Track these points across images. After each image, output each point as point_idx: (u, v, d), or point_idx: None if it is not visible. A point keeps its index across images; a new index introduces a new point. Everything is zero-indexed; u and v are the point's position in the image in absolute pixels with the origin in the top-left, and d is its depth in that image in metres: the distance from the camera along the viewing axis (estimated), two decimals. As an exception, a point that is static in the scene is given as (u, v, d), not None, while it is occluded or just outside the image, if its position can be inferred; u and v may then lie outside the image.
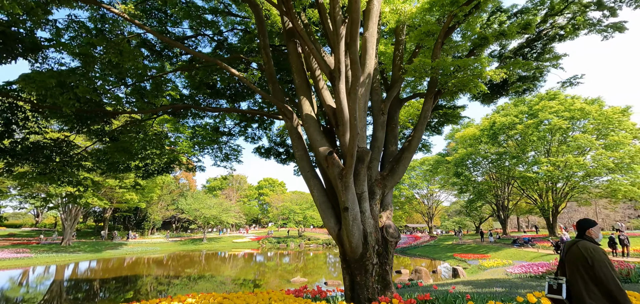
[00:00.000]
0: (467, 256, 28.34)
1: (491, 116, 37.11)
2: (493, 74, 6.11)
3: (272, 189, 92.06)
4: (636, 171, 26.39)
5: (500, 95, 13.02)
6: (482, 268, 21.20)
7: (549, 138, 31.43)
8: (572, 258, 3.18)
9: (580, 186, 30.52)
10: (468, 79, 6.75)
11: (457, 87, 6.84)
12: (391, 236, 6.57)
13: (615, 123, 27.46)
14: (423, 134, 7.24)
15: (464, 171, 41.08)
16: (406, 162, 7.19)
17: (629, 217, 56.99)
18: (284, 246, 54.28)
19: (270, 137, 15.36)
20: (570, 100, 30.14)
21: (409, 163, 7.30)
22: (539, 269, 13.21)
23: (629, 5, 9.09)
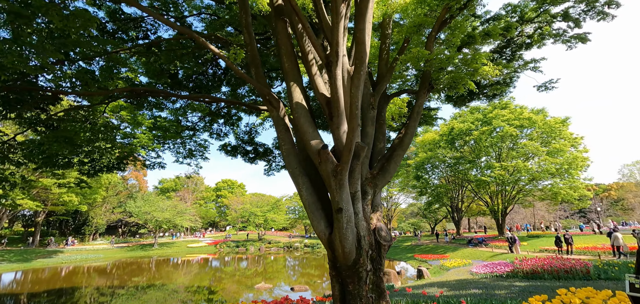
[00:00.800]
0: (427, 257, 29.27)
1: (450, 122, 39.05)
2: (490, 70, 5.91)
3: (231, 191, 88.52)
4: (573, 176, 29.31)
5: (472, 99, 13.35)
6: (444, 268, 21.87)
7: (500, 144, 33.81)
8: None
9: (526, 189, 33.23)
10: (461, 76, 6.53)
11: (450, 83, 6.57)
12: (384, 240, 6.08)
13: (556, 132, 30.32)
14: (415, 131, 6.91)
15: (424, 175, 42.77)
16: (398, 160, 6.77)
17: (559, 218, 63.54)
18: (243, 250, 52.13)
19: (237, 134, 14.32)
20: (520, 109, 32.74)
21: (400, 161, 6.90)
22: (503, 268, 13.74)
23: (592, 18, 9.66)
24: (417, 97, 6.98)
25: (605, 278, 9.99)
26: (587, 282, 9.71)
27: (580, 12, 9.77)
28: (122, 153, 9.84)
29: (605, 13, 9.30)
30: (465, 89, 7.31)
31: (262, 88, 5.80)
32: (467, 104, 13.27)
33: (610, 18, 9.22)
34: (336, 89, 5.20)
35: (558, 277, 10.70)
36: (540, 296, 5.13)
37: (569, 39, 10.31)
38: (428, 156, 40.63)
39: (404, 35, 7.37)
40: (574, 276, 10.47)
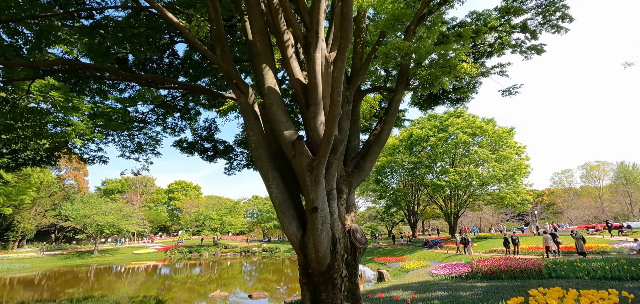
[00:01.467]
0: (385, 259, 29.75)
1: (409, 128, 40.48)
2: (468, 68, 5.79)
3: (185, 193, 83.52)
4: (517, 182, 31.82)
5: (438, 102, 13.61)
6: (403, 270, 22.26)
7: (454, 151, 35.74)
8: None
9: (476, 193, 35.45)
10: (438, 73, 6.36)
11: (427, 79, 6.37)
12: (360, 242, 5.65)
13: (504, 141, 32.76)
14: (392, 127, 6.61)
15: (383, 179, 43.79)
16: (374, 157, 6.41)
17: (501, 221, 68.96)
18: (196, 256, 49.14)
19: (195, 130, 13.19)
20: (472, 118, 34.90)
21: (376, 158, 6.54)
22: (461, 269, 14.14)
23: (547, 31, 10.26)
24: (394, 92, 6.70)
25: (555, 276, 10.61)
26: (541, 280, 10.22)
27: (537, 25, 10.31)
28: (52, 144, 8.32)
29: (559, 26, 9.90)
30: (439, 88, 7.21)
31: (228, 69, 5.07)
32: (432, 107, 13.53)
33: (564, 31, 9.84)
34: (315, 73, 4.66)
35: (514, 277, 11.18)
36: (517, 298, 5.02)
37: (526, 50, 10.85)
38: (388, 161, 41.68)
39: (381, 29, 7.07)
40: (529, 275, 11.01)
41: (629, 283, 8.58)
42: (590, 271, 10.43)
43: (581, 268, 10.91)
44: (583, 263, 11.64)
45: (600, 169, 59.82)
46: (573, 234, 16.33)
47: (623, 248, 17.68)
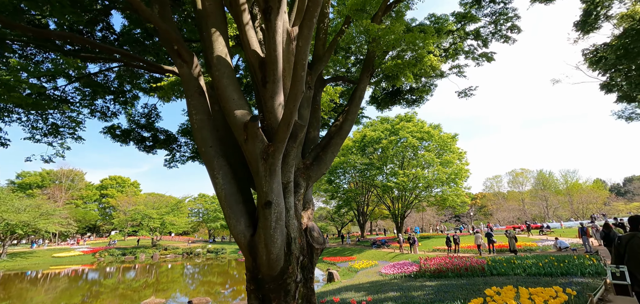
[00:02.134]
0: (335, 259, 29.78)
1: (362, 130, 41.28)
2: (435, 61, 5.57)
3: (121, 189, 75.74)
4: (458, 185, 34.18)
5: (395, 102, 13.66)
6: (352, 269, 22.32)
7: (404, 154, 37.27)
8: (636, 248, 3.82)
9: (422, 195, 37.37)
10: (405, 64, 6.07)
11: (393, 70, 6.04)
12: (317, 242, 5.07)
13: (448, 146, 34.97)
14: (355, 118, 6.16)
15: (336, 179, 44.11)
16: (335, 149, 5.89)
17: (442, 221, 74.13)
18: (131, 259, 44.66)
19: (131, 116, 11.60)
20: (421, 123, 36.70)
21: (338, 151, 6.03)
22: (410, 268, 14.41)
23: (497, 40, 10.80)
24: (359, 81, 6.27)
25: (497, 273, 11.21)
26: (485, 278, 10.70)
27: (488, 33, 10.77)
28: None
29: (508, 36, 10.46)
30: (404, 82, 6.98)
31: (168, 31, 4.12)
32: (389, 107, 13.57)
33: (512, 41, 10.42)
34: (275, 45, 3.97)
35: (460, 275, 11.59)
36: (476, 299, 4.86)
37: (477, 57, 11.30)
38: (341, 161, 42.05)
39: (346, 14, 6.59)
40: (473, 273, 11.49)
41: (560, 279, 9.26)
42: (525, 268, 11.17)
43: (518, 265, 11.66)
44: (518, 261, 12.51)
45: (523, 175, 67.44)
46: (507, 233, 17.71)
47: (546, 246, 19.71)
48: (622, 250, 4.02)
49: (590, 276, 9.41)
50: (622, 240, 4.09)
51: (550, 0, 10.41)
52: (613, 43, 9.63)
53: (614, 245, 4.26)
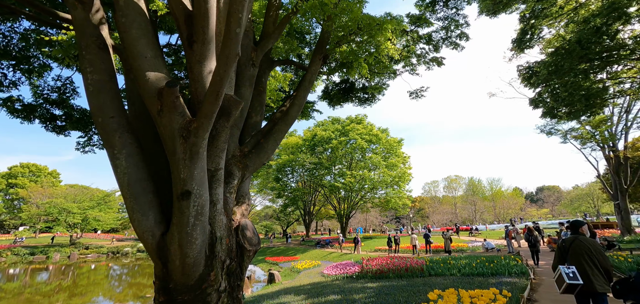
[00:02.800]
0: (278, 259, 28.96)
1: (313, 129, 41.03)
2: (392, 49, 5.18)
3: (35, 179, 65.41)
4: (401, 188, 35.71)
5: (347, 99, 13.34)
6: (295, 270, 21.72)
7: (352, 155, 37.88)
8: (578, 250, 4.16)
9: (367, 196, 38.35)
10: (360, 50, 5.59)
11: (348, 56, 5.52)
12: (250, 243, 4.29)
13: (394, 150, 36.35)
14: (303, 104, 5.48)
15: (284, 177, 43.21)
16: (279, 136, 5.16)
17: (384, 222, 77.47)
18: (42, 259, 38.61)
19: (39, 89, 9.65)
20: (371, 126, 37.63)
21: (281, 140, 5.31)
22: (352, 269, 14.24)
23: (447, 46, 11.07)
24: (310, 63, 5.62)
25: (434, 274, 11.49)
26: (424, 278, 10.86)
27: (439, 39, 10.99)
28: None
29: (457, 43, 10.76)
30: (357, 78, 6.55)
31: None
32: (342, 104, 13.23)
33: (460, 49, 10.74)
34: (204, -9, 3.11)
35: (401, 275, 11.66)
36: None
37: (428, 61, 11.49)
38: (290, 159, 41.30)
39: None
40: (413, 274, 11.64)
41: (491, 279, 9.69)
42: (460, 268, 11.61)
43: (453, 265, 12.11)
44: (453, 261, 13.05)
45: (457, 181, 73.61)
46: (443, 234, 18.65)
47: (475, 247, 21.29)
48: (565, 252, 4.39)
49: (516, 276, 10.01)
50: (565, 242, 4.45)
51: (495, 14, 10.95)
52: (547, 60, 10.44)
53: (557, 246, 4.59)
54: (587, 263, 4.10)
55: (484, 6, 10.60)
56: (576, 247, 4.24)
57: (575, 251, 4.21)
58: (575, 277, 3.98)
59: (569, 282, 3.95)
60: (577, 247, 4.24)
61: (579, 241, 4.27)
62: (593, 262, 4.07)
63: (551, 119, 15.62)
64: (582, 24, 10.00)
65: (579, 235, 4.39)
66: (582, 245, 4.22)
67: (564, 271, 4.03)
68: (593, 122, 18.59)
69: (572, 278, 3.97)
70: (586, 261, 4.11)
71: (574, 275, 3.99)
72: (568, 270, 4.03)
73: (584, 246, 4.20)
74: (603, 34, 8.90)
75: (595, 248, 4.16)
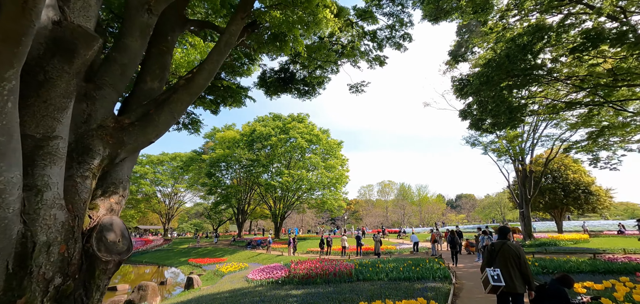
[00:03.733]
0: (203, 261, 26.60)
1: (253, 124, 39.08)
2: (331, 20, 4.35)
3: None
4: (338, 189, 35.92)
5: (285, 89, 12.33)
6: (219, 273, 19.91)
7: (292, 154, 36.96)
8: (506, 254, 4.50)
9: (304, 197, 37.77)
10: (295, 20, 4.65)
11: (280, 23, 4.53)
12: (110, 251, 2.99)
13: (333, 151, 36.40)
14: (215, 71, 4.29)
15: (217, 173, 40.31)
16: (177, 108, 3.93)
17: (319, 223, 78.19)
18: None
19: None
20: (312, 125, 37.16)
21: (182, 112, 4.07)
22: (279, 273, 13.25)
23: (391, 46, 10.83)
24: (230, 22, 4.48)
25: (363, 278, 11.13)
26: (352, 284, 10.38)
27: (384, 37, 10.71)
28: None
29: (400, 44, 10.54)
30: (292, 48, 5.57)
31: None
32: (279, 94, 12.18)
33: (403, 49, 10.56)
34: None
35: (329, 281, 11.05)
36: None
37: (372, 59, 11.14)
38: (226, 154, 38.68)
39: None
40: (341, 278, 11.12)
41: (417, 283, 9.59)
42: (388, 272, 11.44)
43: (381, 269, 11.92)
44: (382, 265, 12.93)
45: (389, 186, 77.84)
46: (374, 237, 18.79)
47: (402, 249, 22.06)
48: (494, 255, 4.68)
49: (440, 280, 10.10)
50: (495, 246, 4.77)
51: (436, 21, 11.05)
52: (480, 71, 10.85)
53: (486, 250, 4.94)
54: (511, 266, 4.48)
55: (427, 11, 10.59)
56: (504, 251, 4.59)
57: (503, 255, 4.57)
58: (499, 279, 4.34)
59: (493, 283, 4.31)
60: (505, 251, 4.59)
61: (507, 246, 4.63)
62: (516, 266, 4.47)
63: (476, 131, 16.82)
64: (511, 42, 10.58)
65: (506, 240, 4.76)
66: (510, 250, 4.58)
67: (490, 274, 4.37)
68: (509, 137, 20.67)
69: (497, 280, 4.32)
70: (511, 265, 4.48)
71: (498, 277, 4.35)
72: (493, 272, 4.39)
73: (511, 251, 4.57)
74: (528, 51, 9.45)
75: (520, 254, 4.56)
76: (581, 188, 27.85)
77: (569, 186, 28.34)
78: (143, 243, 45.33)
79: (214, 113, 11.32)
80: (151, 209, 59.90)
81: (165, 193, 59.01)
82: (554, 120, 21.20)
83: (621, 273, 9.22)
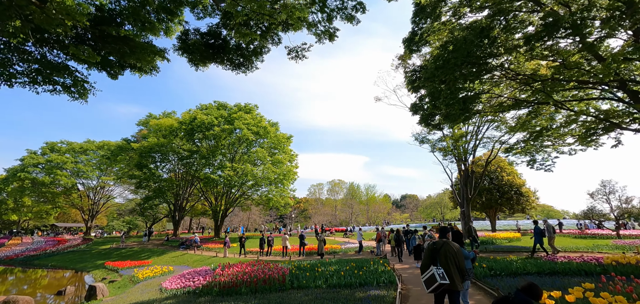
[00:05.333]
0: (123, 264, 22.80)
1: (194, 112, 35.39)
2: None
3: None
4: (285, 186, 33.96)
5: (215, 60, 10.17)
6: (134, 280, 16.76)
7: (237, 146, 34.10)
8: (447, 253, 4.58)
9: (248, 193, 35.12)
10: None
11: None
12: None
13: (282, 146, 34.34)
14: None
15: (150, 164, 35.74)
16: None
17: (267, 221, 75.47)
18: None
19: None
20: (260, 117, 34.65)
21: None
22: (200, 280, 11.01)
23: (342, 19, 9.32)
24: None
25: (297, 286, 9.39)
26: (283, 293, 8.62)
27: (335, 8, 9.19)
28: None
29: (352, 16, 9.06)
30: None
31: None
32: (207, 63, 9.96)
33: (356, 22, 9.10)
34: None
35: (255, 290, 9.14)
36: None
37: (320, 32, 9.57)
38: (160, 143, 34.39)
39: None
40: (271, 286, 9.28)
41: (359, 292, 8.18)
42: (327, 277, 9.92)
43: (320, 273, 10.37)
44: (322, 268, 11.41)
45: (339, 185, 77.89)
46: (317, 236, 17.29)
47: (347, 249, 20.95)
48: (435, 254, 4.63)
49: (384, 286, 8.84)
50: (437, 245, 4.69)
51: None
52: (434, 53, 9.84)
53: (428, 249, 4.79)
54: (452, 264, 4.51)
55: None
56: (446, 250, 4.58)
57: (445, 254, 4.55)
58: (443, 277, 4.34)
59: (440, 282, 4.29)
60: (446, 251, 4.58)
61: (449, 245, 4.63)
62: (456, 264, 4.52)
63: (425, 127, 16.30)
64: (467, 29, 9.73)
65: (447, 239, 4.75)
66: (451, 249, 4.59)
67: (436, 272, 4.36)
68: (455, 137, 20.68)
69: (443, 278, 4.32)
70: (452, 263, 4.51)
71: (442, 276, 4.34)
72: (439, 271, 4.38)
73: (451, 250, 4.59)
74: (485, 36, 8.60)
75: (459, 252, 4.63)
76: (514, 189, 29.54)
77: (503, 187, 29.93)
78: (55, 242, 38.68)
79: (113, 77, 8.68)
80: (71, 204, 51.93)
81: (90, 187, 51.64)
82: (495, 123, 21.84)
83: (566, 274, 8.80)
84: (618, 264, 8.42)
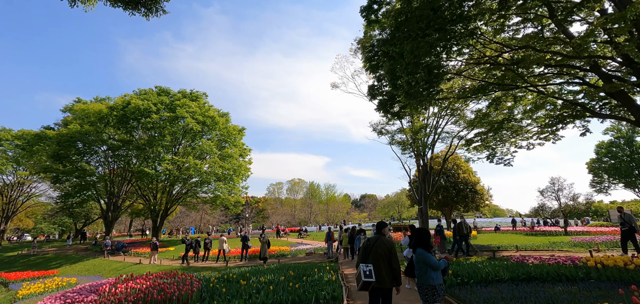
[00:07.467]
0: (19, 275, 18.34)
1: (129, 96, 30.86)
2: None
3: None
4: (235, 183, 30.81)
5: None
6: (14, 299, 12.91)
7: (180, 138, 30.26)
8: (379, 249, 4.30)
9: (193, 190, 31.39)
10: None
11: None
12: None
13: (232, 139, 31.11)
14: None
15: (72, 155, 30.47)
16: None
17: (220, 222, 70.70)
18: None
19: None
20: (207, 106, 31.12)
21: None
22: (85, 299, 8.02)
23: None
24: None
25: (209, 300, 6.92)
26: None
27: None
28: None
29: None
30: None
31: None
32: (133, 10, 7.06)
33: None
34: None
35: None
36: None
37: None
38: (85, 131, 29.40)
39: None
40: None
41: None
42: (252, 293, 7.50)
43: (245, 287, 7.93)
44: (254, 277, 8.99)
45: (299, 185, 75.55)
46: (260, 238, 14.81)
47: (297, 251, 18.71)
48: (369, 250, 4.39)
49: (325, 302, 6.64)
50: (370, 242, 4.48)
51: None
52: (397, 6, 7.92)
53: (362, 246, 4.62)
54: (383, 261, 4.22)
55: None
56: (378, 247, 4.32)
57: (377, 251, 4.30)
58: (370, 275, 4.12)
59: (364, 280, 4.08)
60: (378, 247, 4.32)
61: (381, 242, 4.36)
62: (387, 261, 4.22)
63: (384, 115, 14.62)
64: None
65: (381, 236, 4.50)
66: (383, 245, 4.33)
67: (362, 269, 4.15)
68: (415, 128, 19.37)
69: (368, 276, 4.10)
70: (383, 260, 4.22)
71: (369, 273, 4.13)
72: (366, 268, 4.16)
73: (384, 246, 4.32)
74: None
75: (392, 249, 4.31)
76: (469, 187, 29.36)
77: (459, 185, 29.65)
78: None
79: None
80: (-22, 204, 43.66)
81: (6, 183, 43.95)
82: (454, 117, 21.00)
83: (544, 280, 7.30)
84: (604, 266, 7.07)
